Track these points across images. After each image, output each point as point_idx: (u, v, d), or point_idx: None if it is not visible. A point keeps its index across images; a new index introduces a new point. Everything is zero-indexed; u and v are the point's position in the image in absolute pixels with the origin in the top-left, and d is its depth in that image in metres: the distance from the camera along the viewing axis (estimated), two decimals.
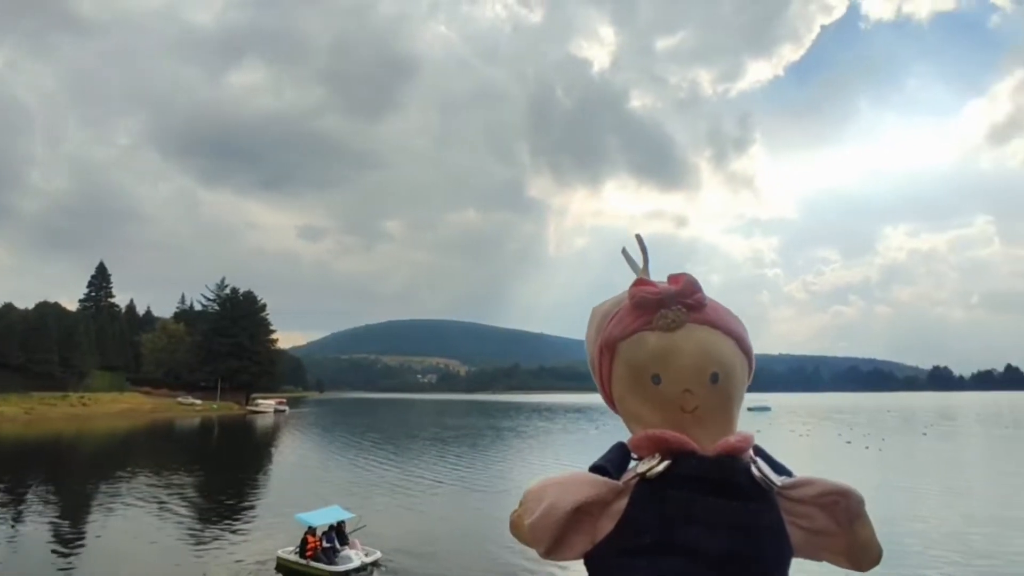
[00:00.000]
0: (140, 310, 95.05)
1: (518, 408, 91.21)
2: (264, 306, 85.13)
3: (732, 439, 0.87)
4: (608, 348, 0.94)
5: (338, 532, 12.48)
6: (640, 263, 1.00)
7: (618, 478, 0.87)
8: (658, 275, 0.99)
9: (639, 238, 1.01)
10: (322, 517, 12.57)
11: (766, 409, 69.79)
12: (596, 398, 1.03)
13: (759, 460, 0.87)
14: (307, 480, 21.95)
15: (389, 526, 14.58)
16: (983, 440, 32.92)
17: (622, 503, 0.85)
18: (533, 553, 0.81)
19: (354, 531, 12.88)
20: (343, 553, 11.91)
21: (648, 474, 0.85)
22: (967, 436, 35.37)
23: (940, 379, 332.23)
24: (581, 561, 0.87)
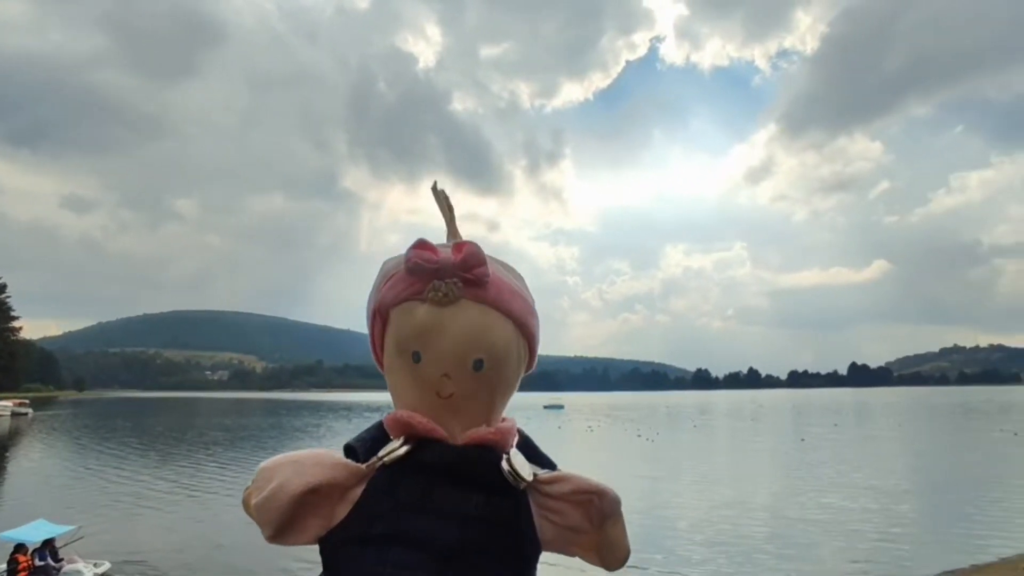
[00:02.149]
0: None
1: (316, 407, 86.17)
2: (3, 287, 69.94)
3: (483, 430, 0.84)
4: (380, 313, 0.88)
5: (51, 548, 10.65)
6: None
7: (368, 460, 0.83)
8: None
9: (435, 190, 0.92)
10: (31, 533, 10.71)
11: (560, 407, 74.17)
12: None
13: (514, 453, 0.83)
14: (35, 493, 18.05)
15: (126, 536, 12.88)
16: (730, 432, 38.05)
17: (361, 488, 0.82)
18: (271, 555, 0.73)
19: (67, 545, 11.19)
20: (65, 569, 10.41)
21: (386, 459, 0.82)
22: (719, 428, 40.70)
23: (702, 380, 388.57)
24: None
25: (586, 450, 27.31)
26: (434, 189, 0.92)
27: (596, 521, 0.85)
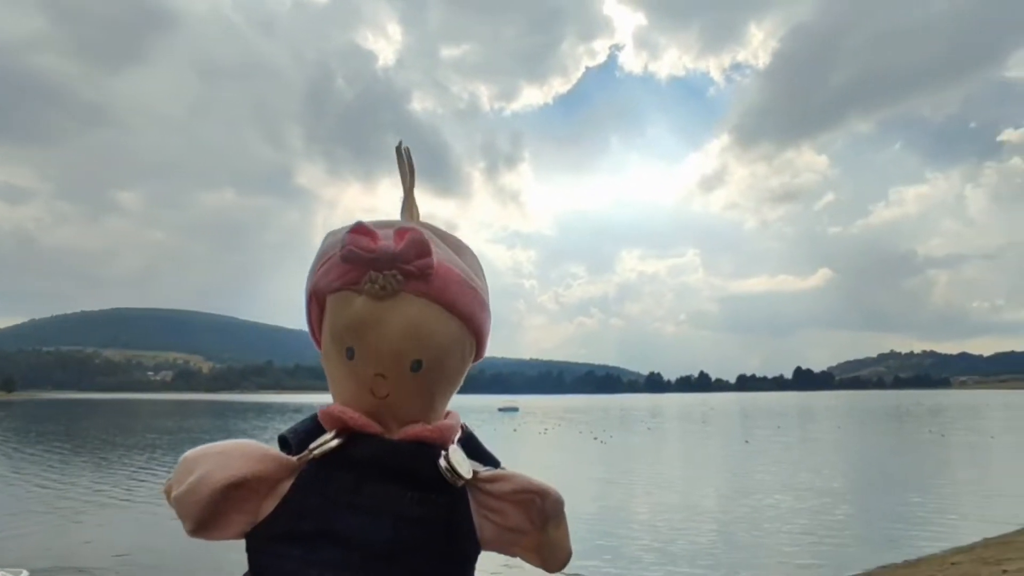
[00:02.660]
0: None
1: (265, 409, 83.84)
2: None
3: (419, 427, 0.79)
4: (316, 297, 0.83)
5: None
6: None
7: (300, 453, 0.78)
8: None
9: (398, 150, 0.87)
10: None
11: (515, 410, 74.38)
12: None
13: (453, 450, 0.79)
14: None
15: (48, 544, 12.15)
16: (681, 434, 38.75)
17: (290, 482, 0.77)
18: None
19: None
20: None
21: (316, 452, 0.77)
22: (671, 431, 41.40)
23: (654, 383, 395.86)
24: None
25: (540, 452, 27.34)
26: (398, 149, 0.86)
27: (538, 522, 0.82)
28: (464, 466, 0.78)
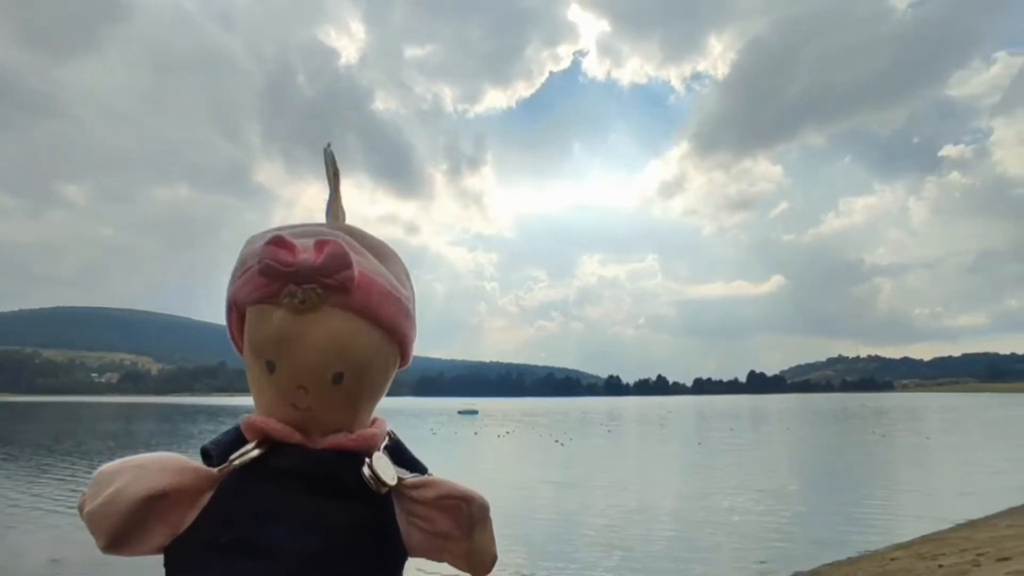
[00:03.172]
0: None
1: (216, 412, 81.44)
2: None
3: (342, 437, 0.79)
4: (236, 307, 0.82)
5: None
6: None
7: (222, 463, 0.77)
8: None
9: (326, 151, 0.87)
10: None
11: (474, 413, 74.24)
12: None
13: (377, 457, 0.79)
14: None
15: None
16: (639, 437, 39.32)
17: (211, 494, 0.75)
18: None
19: None
20: None
21: (236, 462, 0.76)
22: (630, 433, 41.96)
23: (613, 386, 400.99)
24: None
25: (501, 455, 27.34)
26: (326, 150, 0.86)
27: (465, 528, 0.82)
28: (388, 473, 0.78)
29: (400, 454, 0.86)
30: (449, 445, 32.90)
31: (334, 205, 0.87)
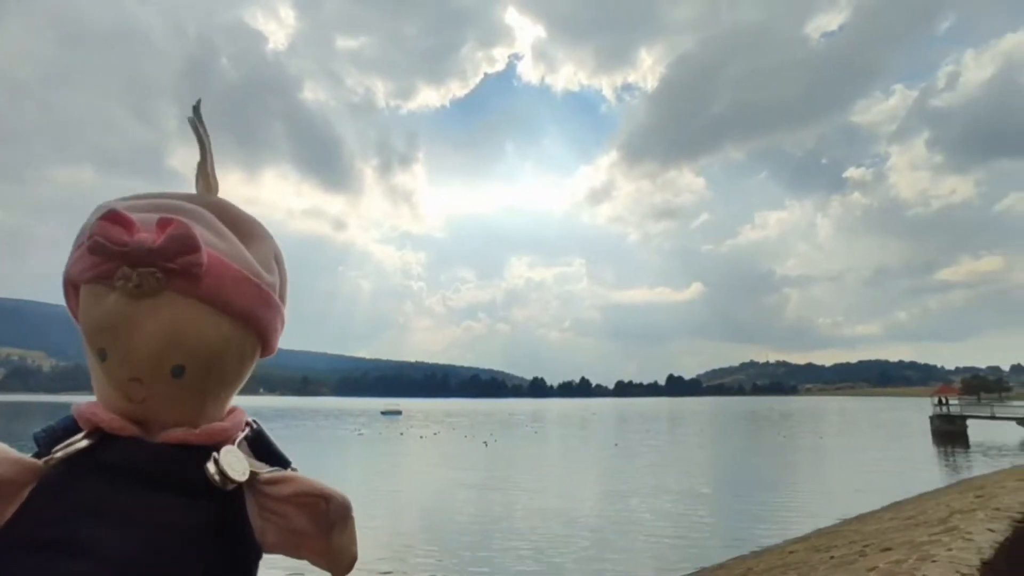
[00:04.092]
0: None
1: None
2: None
3: (182, 432, 0.73)
4: (72, 285, 0.75)
5: None
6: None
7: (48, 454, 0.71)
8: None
9: (193, 115, 0.79)
10: None
11: (397, 413, 73.16)
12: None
13: (227, 451, 0.73)
14: None
15: None
16: (562, 439, 39.95)
17: (33, 487, 0.69)
18: None
19: None
20: None
21: (60, 454, 0.70)
22: (552, 435, 42.55)
23: (538, 388, 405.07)
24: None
25: (424, 457, 27.06)
26: (194, 110, 0.79)
27: (323, 526, 0.78)
28: (238, 468, 0.73)
29: (262, 446, 0.81)
30: (374, 446, 32.27)
31: (204, 173, 0.80)
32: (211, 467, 0.71)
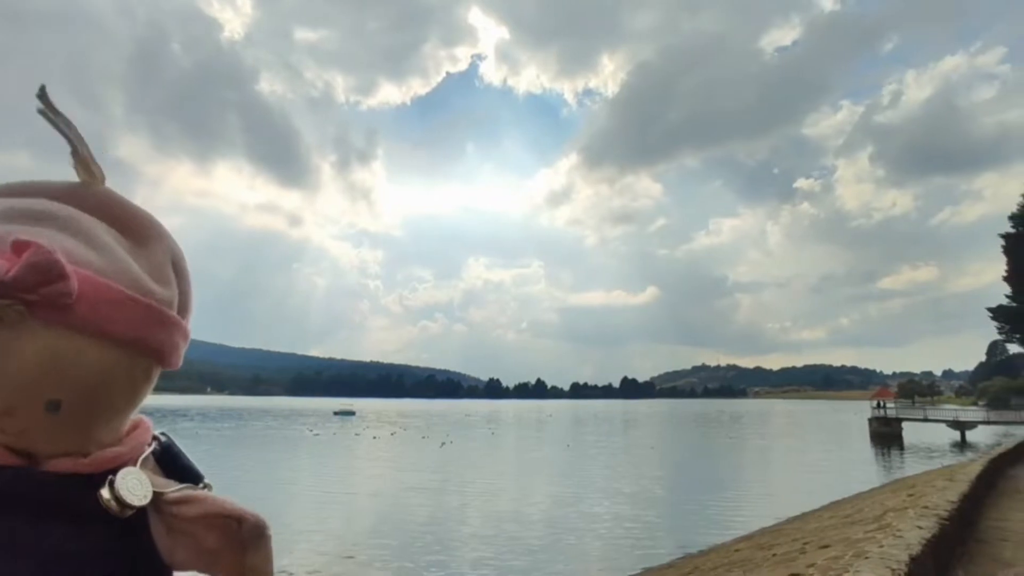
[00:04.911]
0: None
1: None
2: None
3: (70, 461, 0.66)
4: None
5: None
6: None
7: None
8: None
9: (42, 107, 0.66)
10: None
11: (351, 414, 72.15)
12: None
13: (125, 475, 0.68)
14: None
15: None
16: (516, 440, 40.15)
17: None
18: None
19: None
20: None
21: None
22: (508, 437, 42.70)
23: (493, 389, 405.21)
24: None
25: (375, 459, 26.77)
26: (40, 95, 0.67)
27: (236, 547, 0.73)
28: (139, 491, 0.68)
29: (172, 461, 0.77)
30: (327, 448, 31.73)
31: (82, 161, 0.70)
32: (105, 494, 0.67)
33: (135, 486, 0.68)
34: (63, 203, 0.67)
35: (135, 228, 0.70)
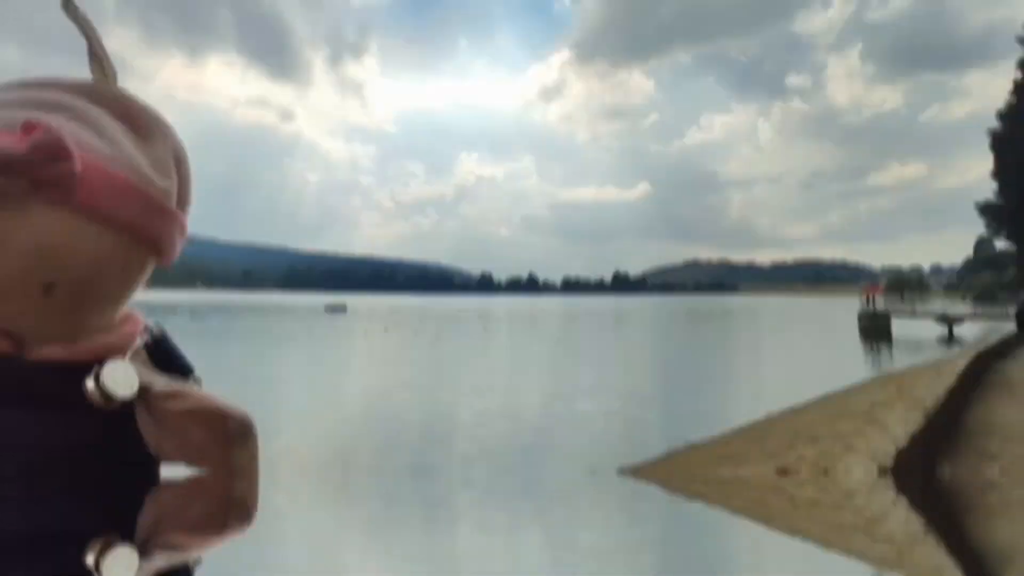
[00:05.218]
0: None
1: None
2: None
3: (59, 349, 0.68)
4: None
5: None
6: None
7: None
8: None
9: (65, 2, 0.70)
10: None
11: (342, 310, 72.08)
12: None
13: (112, 368, 0.68)
14: None
15: None
16: (509, 336, 40.67)
17: None
18: None
19: None
20: None
21: None
22: (499, 333, 43.20)
23: (485, 284, 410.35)
24: None
25: (365, 355, 26.94)
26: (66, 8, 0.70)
27: (222, 443, 0.73)
28: (125, 384, 0.68)
29: (163, 354, 0.77)
30: (318, 344, 31.97)
31: (97, 59, 0.72)
32: (90, 385, 0.67)
33: (121, 378, 0.68)
34: (75, 96, 0.68)
35: (141, 124, 0.71)
